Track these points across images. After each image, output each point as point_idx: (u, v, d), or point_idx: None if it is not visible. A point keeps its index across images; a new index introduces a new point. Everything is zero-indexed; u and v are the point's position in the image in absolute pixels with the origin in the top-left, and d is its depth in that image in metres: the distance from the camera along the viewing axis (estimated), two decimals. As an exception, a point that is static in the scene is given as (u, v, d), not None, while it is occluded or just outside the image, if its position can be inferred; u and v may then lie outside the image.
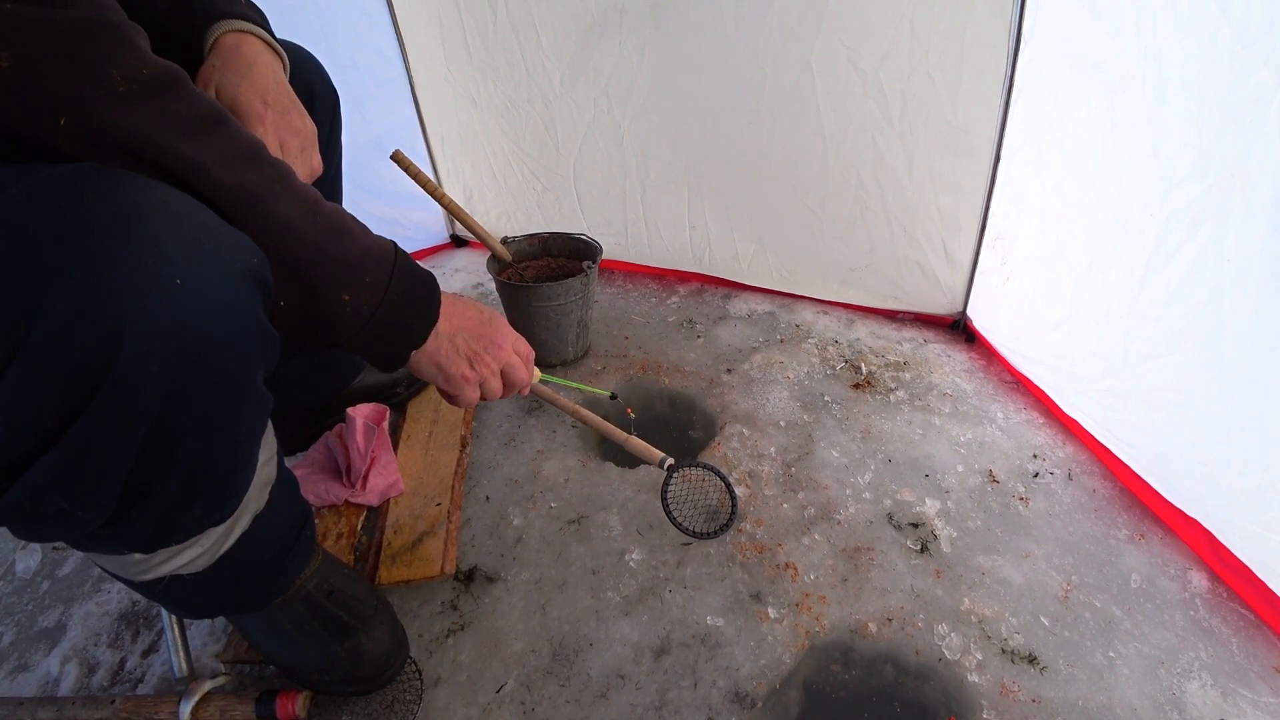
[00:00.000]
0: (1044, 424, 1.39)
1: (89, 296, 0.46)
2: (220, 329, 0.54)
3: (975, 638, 1.00)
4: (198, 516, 0.68)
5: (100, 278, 0.47)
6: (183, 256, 0.51)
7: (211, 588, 0.81)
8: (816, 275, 1.79)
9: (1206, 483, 1.06)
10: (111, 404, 0.49)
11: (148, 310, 0.48)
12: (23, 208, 0.47)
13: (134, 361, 0.48)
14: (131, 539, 0.67)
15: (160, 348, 0.50)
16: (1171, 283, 1.03)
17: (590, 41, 1.66)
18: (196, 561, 0.75)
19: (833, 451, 1.34)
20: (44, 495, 0.51)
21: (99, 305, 0.47)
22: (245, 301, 0.56)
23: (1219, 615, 1.02)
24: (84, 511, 0.55)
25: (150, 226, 0.50)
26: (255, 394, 0.62)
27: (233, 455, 0.65)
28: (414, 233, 2.18)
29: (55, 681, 1.04)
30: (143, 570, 0.73)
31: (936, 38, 1.32)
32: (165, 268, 0.49)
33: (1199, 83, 0.93)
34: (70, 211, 0.47)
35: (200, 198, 0.56)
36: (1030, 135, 1.32)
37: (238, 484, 0.70)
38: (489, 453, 1.38)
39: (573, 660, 1.00)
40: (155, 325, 0.49)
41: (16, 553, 1.28)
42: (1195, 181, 0.95)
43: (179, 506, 0.63)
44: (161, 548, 0.70)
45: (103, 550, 0.70)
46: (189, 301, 0.51)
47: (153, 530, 0.66)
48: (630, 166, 1.82)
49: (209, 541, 0.74)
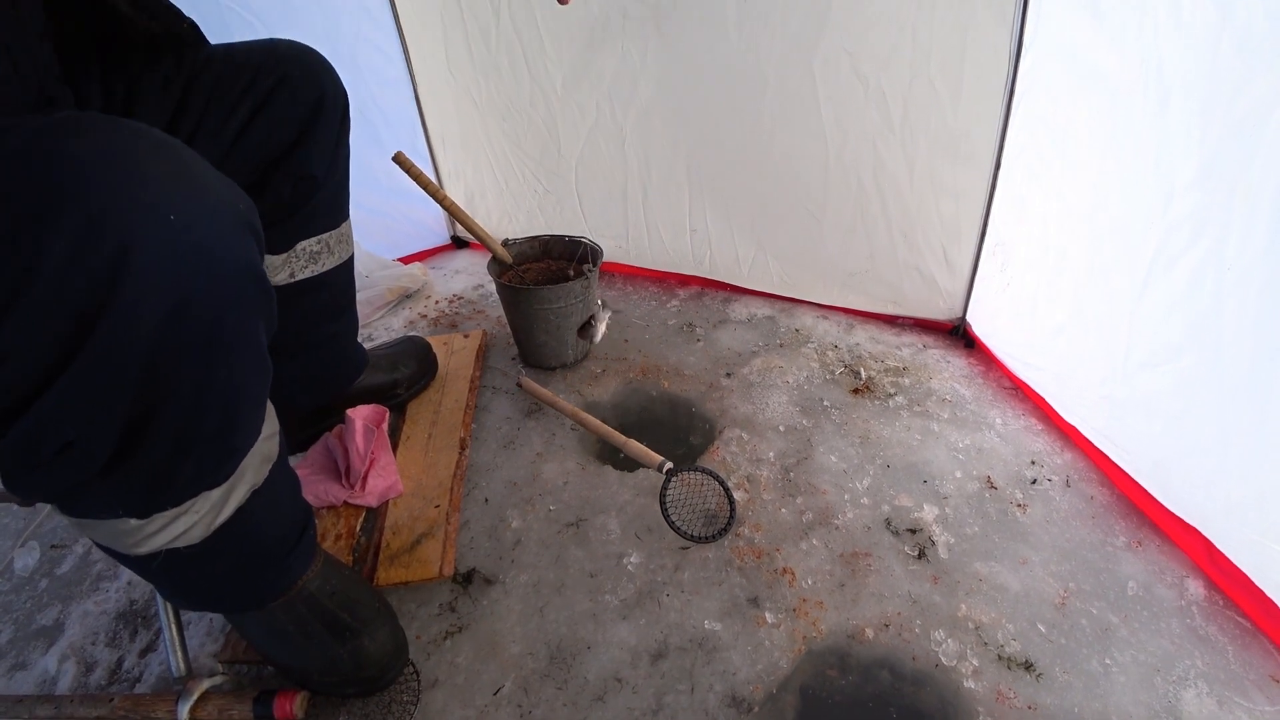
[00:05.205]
0: (1042, 430, 1.39)
1: (92, 228, 0.49)
2: (212, 262, 0.56)
3: (972, 644, 1.00)
4: (192, 473, 0.68)
5: (103, 212, 0.49)
6: (178, 194, 0.54)
7: (209, 570, 0.81)
8: (817, 279, 1.79)
9: (1205, 490, 1.07)
10: (114, 331, 0.51)
11: (147, 239, 0.51)
12: (25, 151, 0.50)
13: (135, 289, 0.50)
14: (128, 496, 0.66)
15: (158, 275, 0.51)
16: (1172, 291, 1.03)
17: (593, 45, 1.66)
18: (192, 531, 0.73)
19: (831, 456, 1.34)
20: (51, 427, 0.53)
21: (101, 235, 0.49)
22: (238, 243, 0.58)
23: (1216, 623, 1.02)
24: (89, 443, 0.56)
25: (145, 164, 0.53)
26: (250, 342, 0.64)
27: (228, 405, 0.65)
28: (414, 231, 2.18)
29: (53, 680, 1.04)
30: (138, 541, 0.71)
31: (938, 44, 1.32)
32: (161, 202, 0.52)
33: (1201, 92, 0.93)
34: (70, 151, 0.50)
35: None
36: (1031, 141, 1.32)
37: (234, 443, 0.71)
38: (488, 455, 1.38)
39: (570, 663, 1.00)
40: (153, 253, 0.51)
41: (15, 550, 1.28)
42: (1196, 190, 0.96)
43: (174, 455, 0.63)
44: (157, 510, 0.69)
45: (99, 512, 0.68)
46: (183, 234, 0.53)
47: (149, 485, 0.66)
48: (632, 169, 1.82)
49: (204, 508, 0.72)
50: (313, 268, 1.18)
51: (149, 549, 0.72)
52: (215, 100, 0.97)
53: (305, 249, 1.15)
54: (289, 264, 1.15)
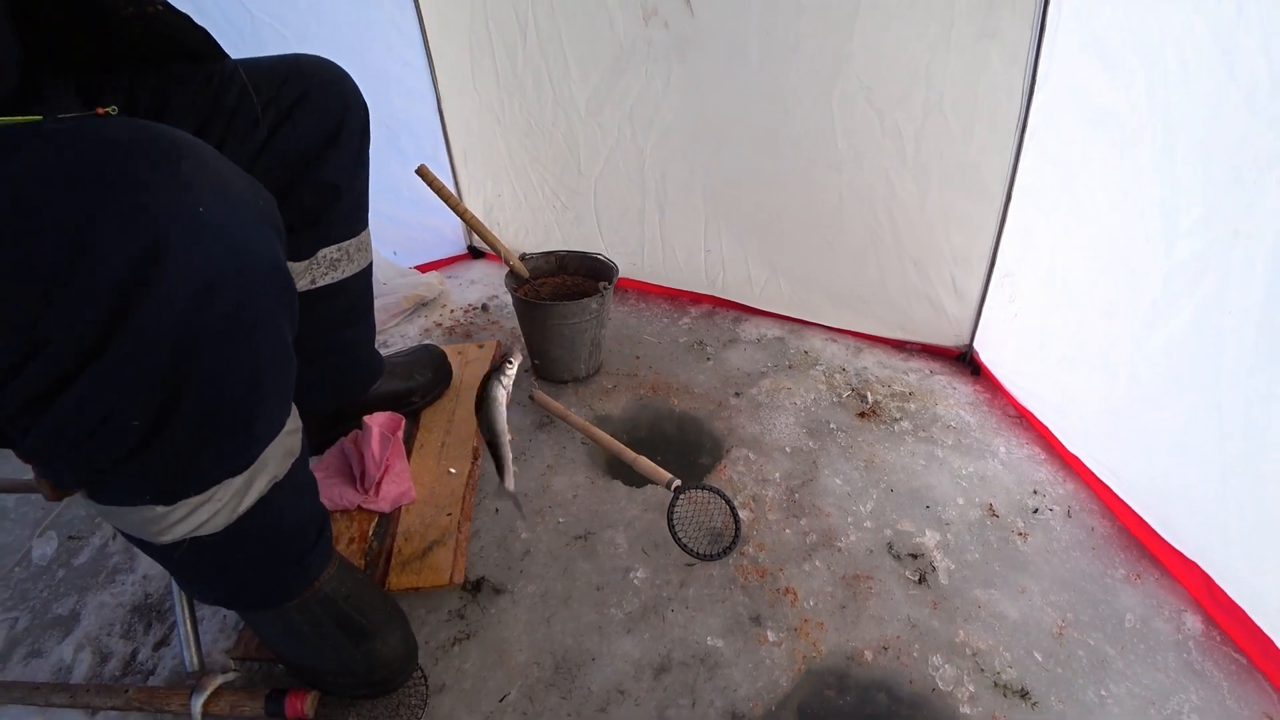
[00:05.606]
0: (1045, 460, 1.41)
1: (133, 218, 0.54)
2: (237, 250, 0.61)
3: (969, 670, 1.02)
4: (214, 458, 0.71)
5: (142, 204, 0.54)
6: (207, 188, 0.59)
7: (230, 562, 0.83)
8: (827, 302, 1.81)
9: (1204, 525, 1.08)
10: (151, 311, 0.56)
11: (180, 229, 0.56)
12: (78, 148, 0.55)
13: (169, 273, 0.55)
14: (154, 480, 0.69)
15: (188, 261, 0.56)
16: (1174, 330, 1.05)
17: (618, 69, 1.70)
18: (215, 520, 0.75)
19: (836, 479, 1.36)
20: (92, 401, 0.57)
21: (141, 224, 0.54)
22: (260, 234, 0.64)
23: (1212, 659, 1.03)
24: (124, 417, 0.60)
25: (180, 161, 0.58)
26: (273, 330, 0.68)
27: (250, 390, 0.69)
28: (430, 238, 2.21)
29: (68, 669, 1.07)
30: (163, 530, 0.73)
31: (952, 82, 1.36)
32: (192, 196, 0.57)
33: (1206, 141, 0.96)
34: (115, 148, 0.55)
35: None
36: (1042, 177, 1.35)
37: (255, 430, 0.73)
38: (500, 465, 1.40)
39: (575, 674, 1.02)
40: (185, 240, 0.56)
41: (33, 540, 1.30)
42: (1200, 235, 0.98)
43: (198, 439, 0.66)
44: (182, 498, 0.71)
45: (127, 498, 0.70)
46: (211, 224, 0.58)
47: (174, 470, 0.68)
48: (650, 189, 1.85)
49: (226, 496, 0.74)
50: (333, 274, 1.21)
51: (173, 537, 0.74)
52: (240, 112, 1.01)
53: (326, 256, 1.19)
54: (310, 270, 1.18)
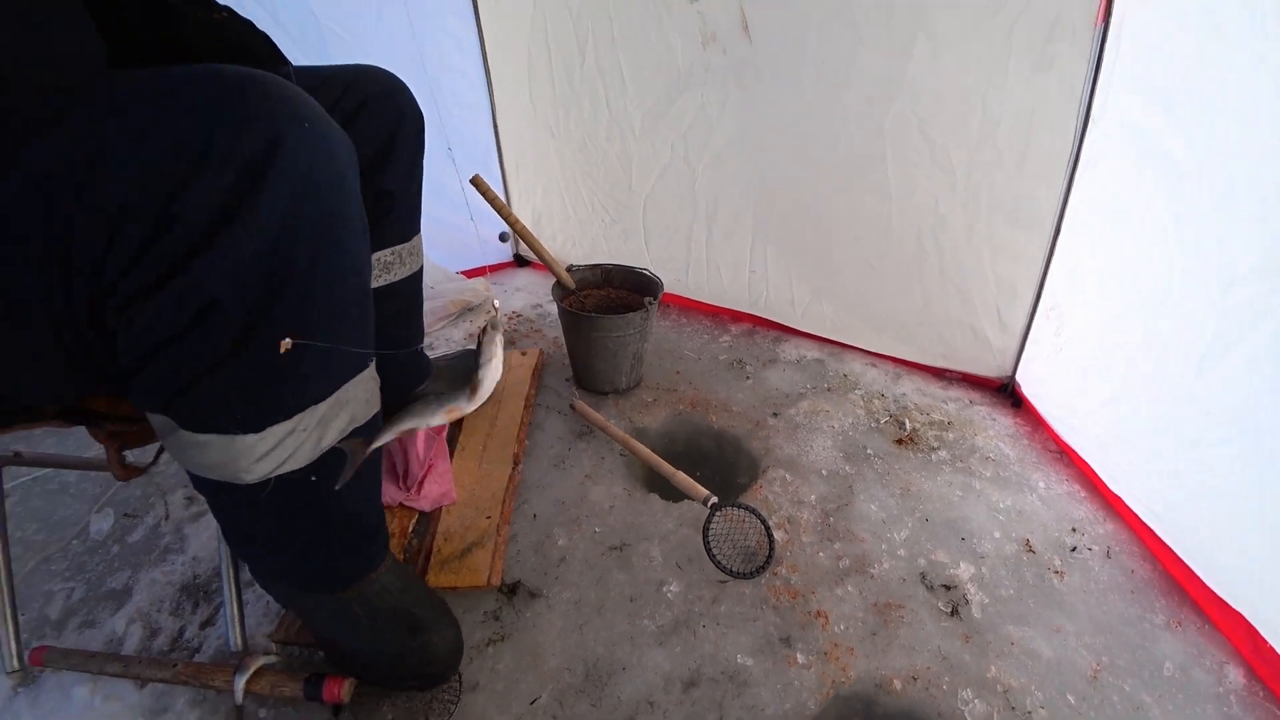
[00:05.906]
0: (1086, 498, 1.38)
1: (251, 123, 0.61)
2: (333, 161, 0.68)
3: (999, 707, 1.00)
4: (299, 381, 0.73)
5: (258, 113, 0.62)
6: (311, 110, 0.66)
7: (304, 522, 0.85)
8: (868, 327, 1.81)
9: (1250, 575, 1.06)
10: (262, 204, 0.62)
11: (290, 134, 0.63)
12: (202, 76, 0.63)
13: (279, 170, 0.62)
14: (245, 397, 0.71)
15: (296, 162, 0.63)
16: (1228, 375, 1.03)
17: (674, 91, 1.74)
18: (300, 452, 0.76)
19: (871, 505, 1.36)
20: (204, 283, 0.62)
21: (258, 128, 0.61)
22: (349, 158, 0.71)
23: (1254, 716, 1.00)
24: (227, 308, 0.64)
25: (287, 86, 0.66)
26: (353, 250, 0.74)
27: (332, 305, 0.73)
28: (479, 246, 2.23)
29: (120, 640, 1.12)
30: (250, 465, 0.74)
31: (1007, 115, 1.36)
32: (300, 112, 0.65)
33: (1266, 185, 0.95)
34: (234, 74, 0.63)
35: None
36: (1092, 212, 1.34)
37: (337, 355, 0.75)
38: (539, 472, 1.43)
39: (605, 682, 1.04)
40: (294, 144, 0.63)
41: (91, 514, 1.37)
42: (1258, 280, 0.97)
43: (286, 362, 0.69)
44: (270, 423, 0.72)
45: (219, 421, 0.72)
46: (314, 135, 0.65)
47: (262, 386, 0.71)
48: (700, 209, 1.88)
49: (311, 424, 0.75)
50: (385, 277, 1.25)
51: (260, 473, 0.75)
52: None
53: (380, 259, 1.23)
54: None
